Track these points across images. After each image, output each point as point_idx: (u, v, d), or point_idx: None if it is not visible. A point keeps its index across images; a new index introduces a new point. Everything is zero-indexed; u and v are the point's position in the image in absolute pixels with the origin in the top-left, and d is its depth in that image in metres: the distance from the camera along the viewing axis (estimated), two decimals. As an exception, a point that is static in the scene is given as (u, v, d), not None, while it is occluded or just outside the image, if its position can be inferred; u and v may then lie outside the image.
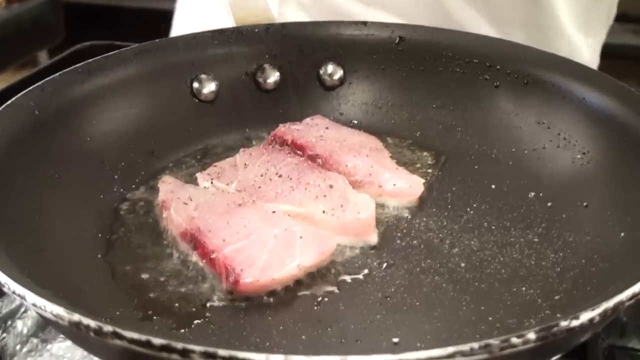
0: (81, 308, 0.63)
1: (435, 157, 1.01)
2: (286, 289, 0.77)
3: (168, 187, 0.88)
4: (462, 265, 0.81)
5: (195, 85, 1.06)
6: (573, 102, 0.96)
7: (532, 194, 0.93)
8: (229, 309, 0.75)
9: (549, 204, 0.91)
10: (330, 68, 1.11)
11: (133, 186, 0.94)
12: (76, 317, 0.55)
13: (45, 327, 0.81)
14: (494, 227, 0.87)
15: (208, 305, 0.75)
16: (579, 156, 0.94)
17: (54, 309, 0.56)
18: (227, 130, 1.07)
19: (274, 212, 0.83)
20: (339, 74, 1.11)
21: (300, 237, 0.79)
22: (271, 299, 0.76)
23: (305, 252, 0.78)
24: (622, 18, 1.53)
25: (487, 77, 1.05)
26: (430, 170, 0.99)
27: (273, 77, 1.10)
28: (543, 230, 0.86)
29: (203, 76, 1.06)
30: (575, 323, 0.56)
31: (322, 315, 0.74)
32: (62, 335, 0.79)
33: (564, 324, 0.56)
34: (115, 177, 0.94)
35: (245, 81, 1.09)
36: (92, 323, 0.54)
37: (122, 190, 0.93)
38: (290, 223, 0.81)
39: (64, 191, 0.87)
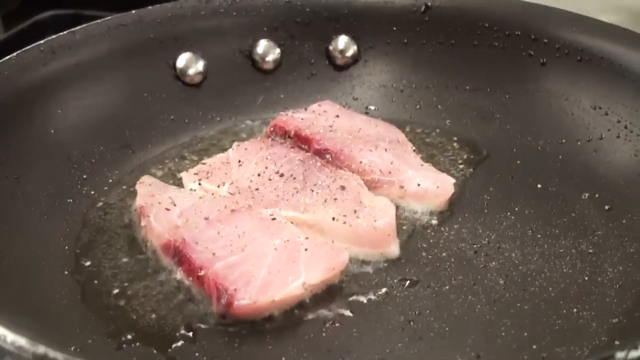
0: (46, 336, 0.65)
1: (469, 151, 1.02)
2: (289, 312, 0.78)
3: (147, 189, 0.89)
4: (501, 282, 0.82)
5: (180, 65, 1.07)
6: (637, 83, 0.97)
7: (586, 194, 0.94)
8: (220, 335, 0.76)
9: (607, 207, 0.91)
10: (341, 43, 1.12)
11: (105, 188, 0.96)
12: (41, 349, 0.57)
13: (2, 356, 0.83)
14: (539, 236, 0.88)
15: (196, 331, 0.76)
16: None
17: (15, 340, 0.57)
18: (217, 120, 1.08)
19: (273, 219, 0.84)
20: (352, 50, 1.13)
21: (306, 250, 0.80)
22: (271, 324, 0.77)
23: (312, 267, 0.79)
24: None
25: (532, 53, 1.05)
26: (462, 167, 1.00)
27: (272, 54, 1.11)
28: (599, 239, 0.87)
29: (188, 54, 1.07)
30: (634, 354, 0.57)
31: (332, 343, 0.76)
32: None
33: (620, 355, 0.57)
34: (85, 177, 0.96)
35: (238, 60, 1.10)
36: (61, 357, 0.55)
37: (92, 192, 0.95)
38: (294, 232, 0.82)
39: (24, 195, 0.88)
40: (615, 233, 0.88)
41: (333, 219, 0.85)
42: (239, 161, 0.93)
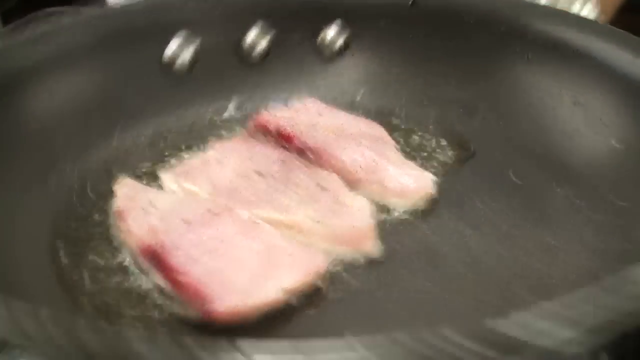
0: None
1: (453, 146, 1.03)
2: (268, 316, 0.77)
3: (126, 191, 0.88)
4: (479, 279, 0.82)
5: (166, 56, 1.07)
6: (617, 80, 0.96)
7: (564, 190, 0.93)
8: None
9: (583, 203, 0.91)
10: (329, 35, 1.12)
11: (88, 180, 0.95)
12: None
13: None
14: (518, 233, 0.87)
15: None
16: (617, 145, 0.94)
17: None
18: (202, 112, 1.08)
19: (254, 222, 0.83)
20: (340, 42, 1.12)
21: (285, 254, 0.80)
22: (249, 329, 0.76)
23: (291, 271, 0.79)
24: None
25: (518, 49, 1.05)
26: (445, 163, 1.00)
27: (260, 46, 1.11)
28: (575, 235, 0.87)
29: (175, 45, 1.07)
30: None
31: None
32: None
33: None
34: (67, 168, 0.95)
35: (226, 52, 1.09)
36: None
37: (74, 185, 0.94)
38: (274, 236, 0.82)
39: (3, 186, 0.87)
40: (592, 229, 0.87)
41: (312, 219, 0.85)
42: (219, 160, 0.93)
